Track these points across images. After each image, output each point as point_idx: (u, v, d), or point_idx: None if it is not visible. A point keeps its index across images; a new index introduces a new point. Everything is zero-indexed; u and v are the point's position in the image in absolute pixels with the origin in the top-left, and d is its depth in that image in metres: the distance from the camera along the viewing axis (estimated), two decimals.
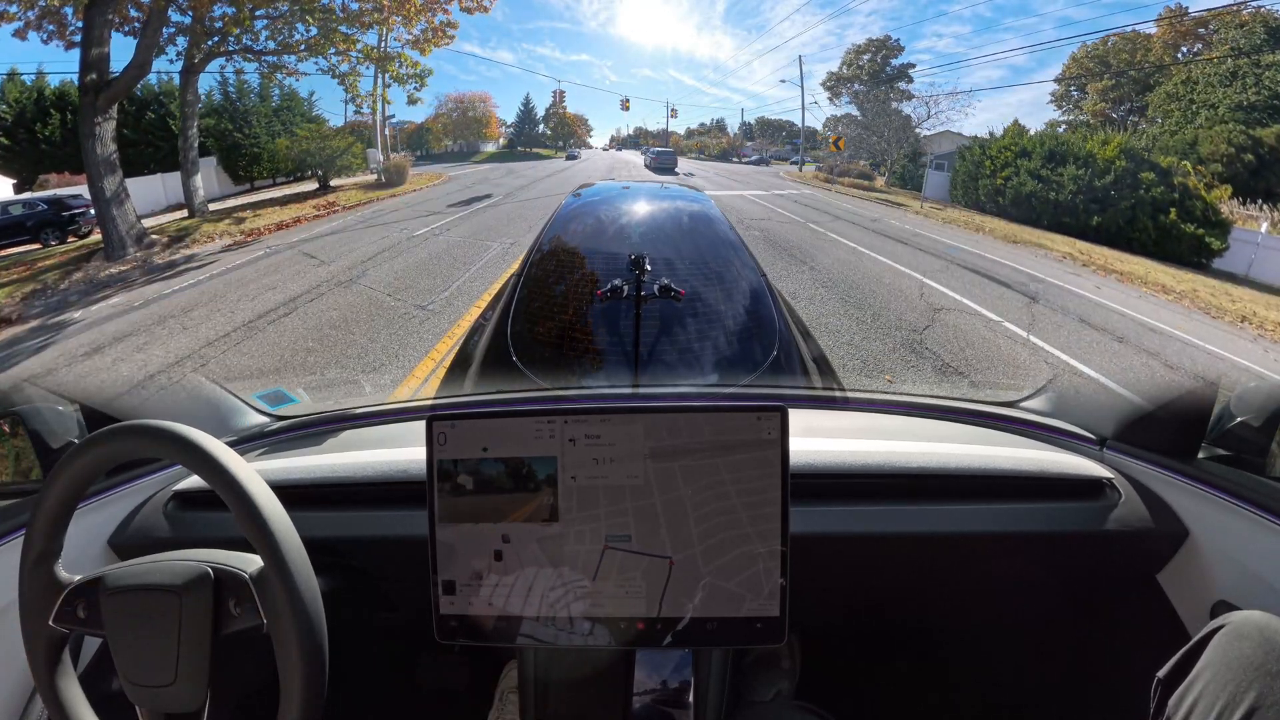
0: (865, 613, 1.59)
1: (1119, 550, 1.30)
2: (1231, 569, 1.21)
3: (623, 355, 2.04)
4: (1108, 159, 16.97)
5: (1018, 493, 1.32)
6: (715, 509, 1.04)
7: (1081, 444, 1.47)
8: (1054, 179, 17.35)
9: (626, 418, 1.06)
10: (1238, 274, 14.96)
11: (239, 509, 0.88)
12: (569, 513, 1.05)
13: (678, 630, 1.04)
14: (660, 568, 1.04)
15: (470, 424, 1.06)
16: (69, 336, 8.35)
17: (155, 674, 0.88)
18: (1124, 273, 13.17)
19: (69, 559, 0.96)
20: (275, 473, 1.35)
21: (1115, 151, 17.04)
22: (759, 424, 1.04)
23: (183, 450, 0.90)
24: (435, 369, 6.01)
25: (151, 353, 7.23)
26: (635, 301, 2.14)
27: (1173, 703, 0.90)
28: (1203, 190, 16.74)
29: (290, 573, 0.87)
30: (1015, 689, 1.68)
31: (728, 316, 2.25)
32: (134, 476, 1.41)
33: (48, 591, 0.93)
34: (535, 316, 2.25)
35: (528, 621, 1.05)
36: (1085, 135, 18.74)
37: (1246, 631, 0.88)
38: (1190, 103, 20.22)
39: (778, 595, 1.04)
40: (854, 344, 6.94)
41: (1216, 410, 1.29)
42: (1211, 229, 16.00)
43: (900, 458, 1.32)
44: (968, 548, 1.31)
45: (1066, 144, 17.97)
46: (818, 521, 1.25)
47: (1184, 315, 10.71)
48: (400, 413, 1.73)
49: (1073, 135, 19.14)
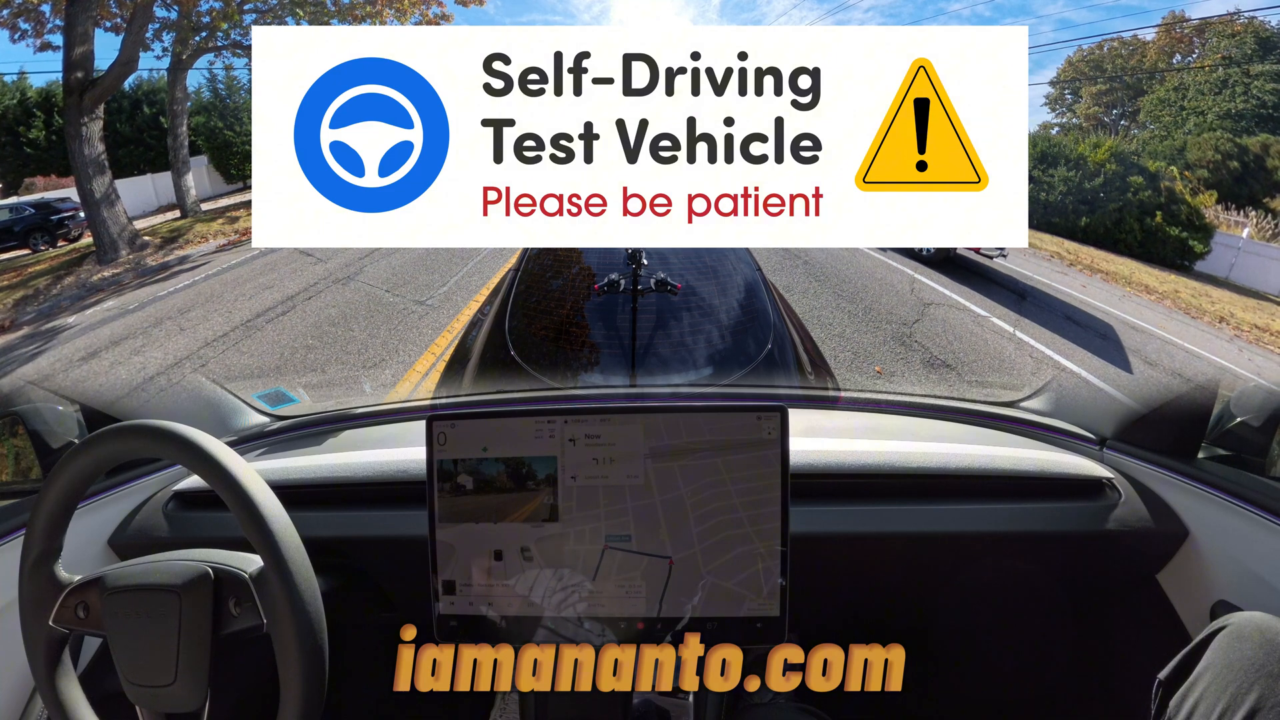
0: (865, 613, 1.60)
1: (1119, 550, 1.31)
2: (1231, 569, 1.21)
3: (620, 349, 2.06)
4: (1098, 162, 17.03)
5: (1018, 493, 1.32)
6: (715, 509, 1.04)
7: (1081, 444, 1.47)
8: (1045, 180, 17.40)
9: (626, 418, 1.06)
10: (1219, 277, 15.16)
11: (239, 509, 0.87)
12: (569, 513, 1.05)
13: (677, 630, 1.04)
14: (660, 568, 1.04)
15: (470, 424, 1.07)
16: (63, 342, 8.27)
17: (155, 674, 0.87)
18: (1109, 273, 13.32)
19: (69, 559, 0.95)
20: (275, 473, 1.34)
21: (1106, 155, 17.12)
22: (759, 424, 1.04)
23: (183, 450, 0.90)
24: (435, 363, 6.02)
25: (149, 355, 7.18)
26: (632, 295, 2.15)
27: (1173, 704, 0.90)
28: (1188, 195, 16.86)
29: (290, 573, 0.87)
30: (1015, 689, 1.68)
31: (723, 310, 2.27)
32: (134, 476, 1.40)
33: (48, 591, 0.92)
34: (533, 311, 2.27)
35: (527, 621, 1.05)
36: (1077, 138, 18.83)
37: (1247, 633, 0.88)
38: (1180, 109, 20.32)
39: (778, 595, 1.04)
40: (845, 335, 7.01)
41: (1216, 410, 1.29)
42: (1195, 233, 16.11)
43: (900, 458, 1.32)
44: (968, 548, 1.31)
45: (1059, 146, 18.04)
46: (818, 521, 1.25)
47: (1165, 315, 10.93)
48: (400, 412, 1.72)
49: (1065, 138, 19.22)
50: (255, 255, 11.73)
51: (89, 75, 12.54)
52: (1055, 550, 1.35)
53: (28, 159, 18.11)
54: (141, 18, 13.25)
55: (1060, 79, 22.99)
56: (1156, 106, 21.02)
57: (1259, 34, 19.38)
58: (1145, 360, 7.97)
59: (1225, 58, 19.76)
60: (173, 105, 15.24)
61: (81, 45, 12.50)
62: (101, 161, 12.73)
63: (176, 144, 15.27)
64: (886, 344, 6.87)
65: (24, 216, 14.57)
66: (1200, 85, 20.24)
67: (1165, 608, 1.35)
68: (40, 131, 17.94)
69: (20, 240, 14.30)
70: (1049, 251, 14.61)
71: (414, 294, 8.56)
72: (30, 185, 17.91)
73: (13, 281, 12.11)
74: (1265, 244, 15.95)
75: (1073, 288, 11.26)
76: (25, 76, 18.22)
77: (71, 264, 12.70)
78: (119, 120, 17.01)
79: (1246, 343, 10.30)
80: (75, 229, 14.50)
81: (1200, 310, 11.61)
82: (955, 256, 10.76)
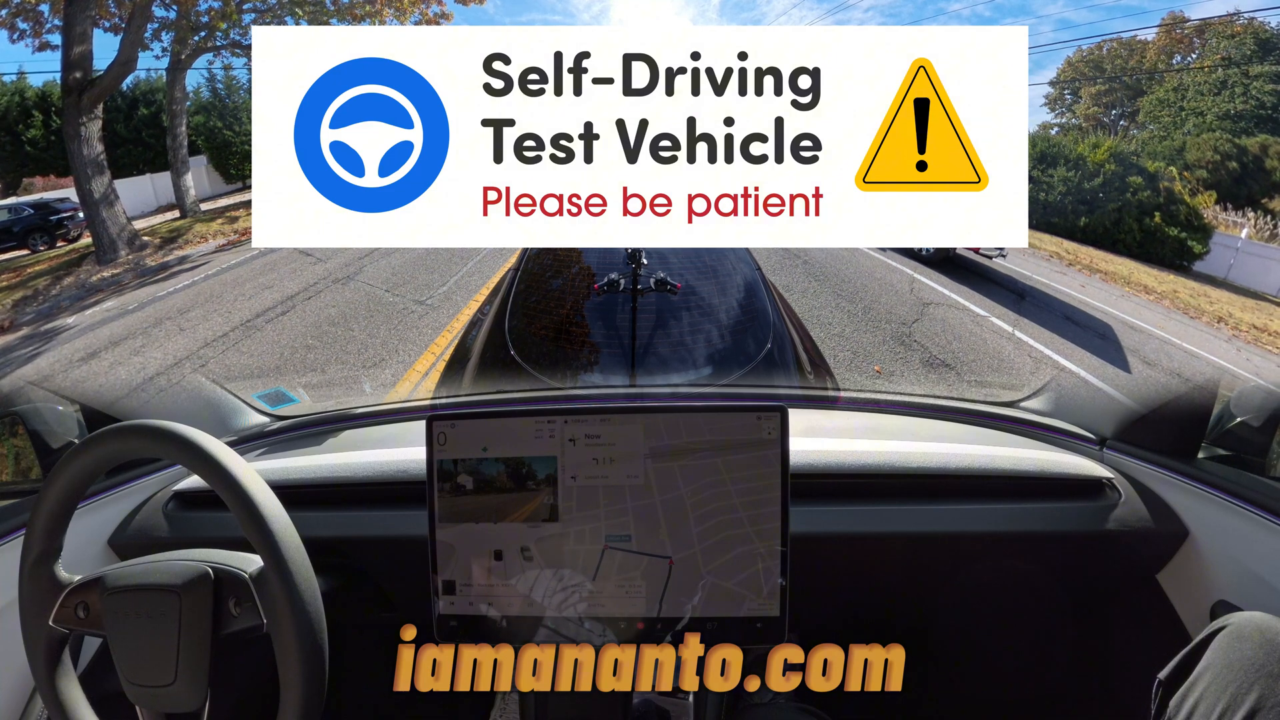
0: (865, 613, 1.60)
1: (1119, 550, 1.31)
2: (1231, 569, 1.21)
3: (620, 349, 2.06)
4: (1098, 162, 17.05)
5: (1018, 493, 1.32)
6: (715, 509, 1.04)
7: (1081, 444, 1.47)
8: (1044, 180, 17.40)
9: (626, 418, 1.06)
10: (1217, 277, 15.24)
11: (239, 509, 0.87)
12: (569, 513, 1.05)
13: (677, 630, 1.04)
14: (660, 567, 1.04)
15: (470, 424, 1.07)
16: (63, 343, 8.25)
17: (155, 674, 0.87)
18: (1108, 273, 13.39)
19: (69, 559, 0.95)
20: (275, 473, 1.34)
21: (1105, 155, 17.13)
22: (759, 424, 1.04)
23: (183, 450, 0.90)
24: (435, 363, 6.02)
25: (149, 355, 7.17)
26: (632, 295, 2.15)
27: (1173, 704, 0.90)
28: (1186, 195, 16.89)
29: (290, 573, 0.86)
30: (1015, 689, 1.68)
31: (722, 310, 2.27)
32: (134, 476, 1.40)
33: (48, 591, 0.92)
34: (533, 311, 2.27)
35: (527, 621, 1.05)
36: (1077, 138, 18.86)
37: (1247, 633, 0.88)
38: (1180, 109, 20.35)
39: (778, 595, 1.04)
40: (844, 335, 7.02)
41: (1216, 410, 1.29)
42: (1194, 233, 16.14)
43: (900, 458, 1.32)
44: (968, 548, 1.31)
45: (1058, 146, 18.06)
46: (818, 521, 1.25)
47: (1164, 315, 11.00)
48: (400, 412, 1.72)
49: (1064, 138, 19.25)
50: (255, 255, 11.70)
51: (87, 75, 12.47)
52: (1055, 550, 1.35)
53: (26, 159, 18.05)
54: (140, 17, 13.19)
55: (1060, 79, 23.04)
56: (1156, 107, 21.05)
57: (1258, 35, 19.42)
58: (1144, 360, 8.03)
59: (1225, 58, 19.79)
60: (172, 105, 15.17)
61: (80, 45, 12.43)
62: (100, 161, 12.68)
63: (176, 144, 15.21)
64: (886, 344, 6.89)
65: (23, 217, 14.49)
66: (1200, 86, 20.27)
67: (1165, 608, 1.35)
68: (39, 131, 17.90)
69: (19, 241, 14.23)
70: (1048, 251, 14.65)
71: (414, 294, 8.55)
72: (29, 185, 17.85)
73: (12, 282, 12.07)
74: (1263, 244, 16.05)
75: (1072, 287, 11.30)
76: (24, 76, 18.18)
77: (71, 264, 12.66)
78: (117, 121, 16.95)
79: (1244, 343, 10.41)
80: (74, 229, 14.43)
81: (1199, 310, 11.72)
82: (954, 256, 10.78)
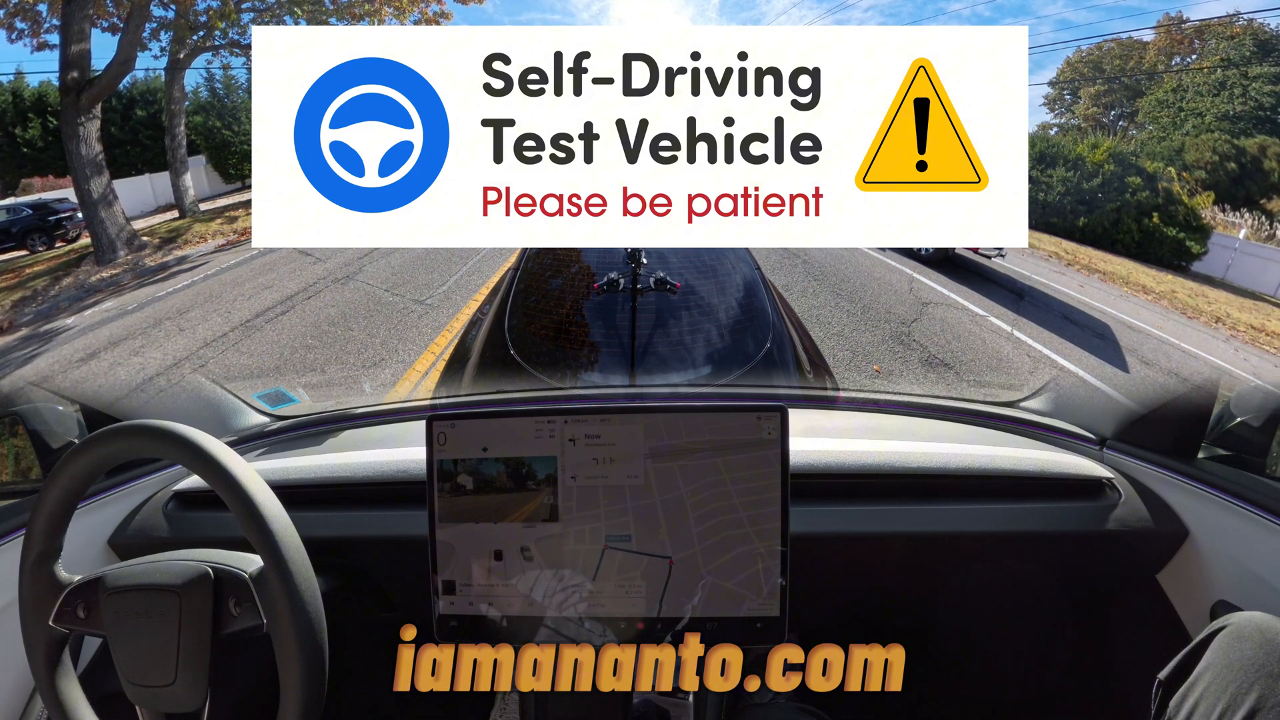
0: (865, 613, 1.60)
1: (1119, 550, 1.31)
2: (1231, 569, 1.21)
3: (620, 348, 2.06)
4: (1097, 162, 17.07)
5: (1018, 493, 1.32)
6: (715, 509, 1.04)
7: (1081, 444, 1.47)
8: (1044, 180, 17.42)
9: (626, 418, 1.06)
10: (1215, 277, 15.30)
11: (239, 509, 0.87)
12: (569, 513, 1.05)
13: (677, 630, 1.04)
14: (660, 568, 1.04)
15: (470, 424, 1.07)
16: (62, 343, 8.24)
17: (155, 674, 0.87)
18: (1107, 273, 13.42)
19: (69, 559, 0.95)
20: (275, 473, 1.34)
21: (1104, 155, 17.16)
22: (759, 424, 1.04)
23: (183, 450, 0.90)
24: (435, 363, 6.02)
25: (149, 355, 7.16)
26: (631, 295, 2.15)
27: (1173, 704, 0.90)
28: (1184, 196, 16.92)
29: (290, 573, 0.86)
30: (1015, 689, 1.68)
31: (722, 310, 2.27)
32: (134, 476, 1.40)
33: (48, 591, 0.92)
34: (532, 310, 2.27)
35: (527, 621, 1.05)
36: (1076, 139, 18.87)
37: (1247, 633, 0.88)
38: (1179, 110, 20.37)
39: (778, 595, 1.04)
40: (844, 335, 7.04)
41: (1216, 410, 1.30)
42: (1192, 233, 16.17)
43: (900, 458, 1.32)
44: (968, 548, 1.31)
45: (1057, 146, 18.08)
46: (818, 521, 1.25)
47: (1162, 315, 11.05)
48: (400, 412, 1.72)
49: (1063, 138, 19.27)
50: (254, 255, 11.69)
51: (86, 75, 12.42)
52: (1055, 550, 1.35)
53: (25, 159, 18.01)
54: (138, 17, 13.16)
55: (1059, 79, 23.06)
56: (1155, 107, 21.07)
57: (1258, 36, 19.45)
58: (1142, 360, 8.07)
59: (1224, 59, 19.82)
60: (170, 105, 15.14)
61: (78, 45, 12.38)
62: (99, 162, 12.65)
63: (174, 144, 15.19)
64: (885, 343, 6.91)
65: (21, 217, 14.46)
66: (1199, 87, 20.29)
67: (1165, 608, 1.35)
68: (37, 132, 17.86)
69: (18, 241, 14.20)
70: (1047, 251, 14.67)
71: (413, 293, 8.55)
72: (27, 186, 17.82)
73: (11, 283, 12.05)
74: (1261, 245, 16.12)
75: (1070, 287, 11.31)
76: (22, 76, 18.14)
77: (69, 265, 12.64)
78: (113, 123, 16.92)
79: (1242, 343, 10.47)
80: (73, 230, 14.42)
81: (1197, 310, 11.77)
82: (954, 256, 10.79)
